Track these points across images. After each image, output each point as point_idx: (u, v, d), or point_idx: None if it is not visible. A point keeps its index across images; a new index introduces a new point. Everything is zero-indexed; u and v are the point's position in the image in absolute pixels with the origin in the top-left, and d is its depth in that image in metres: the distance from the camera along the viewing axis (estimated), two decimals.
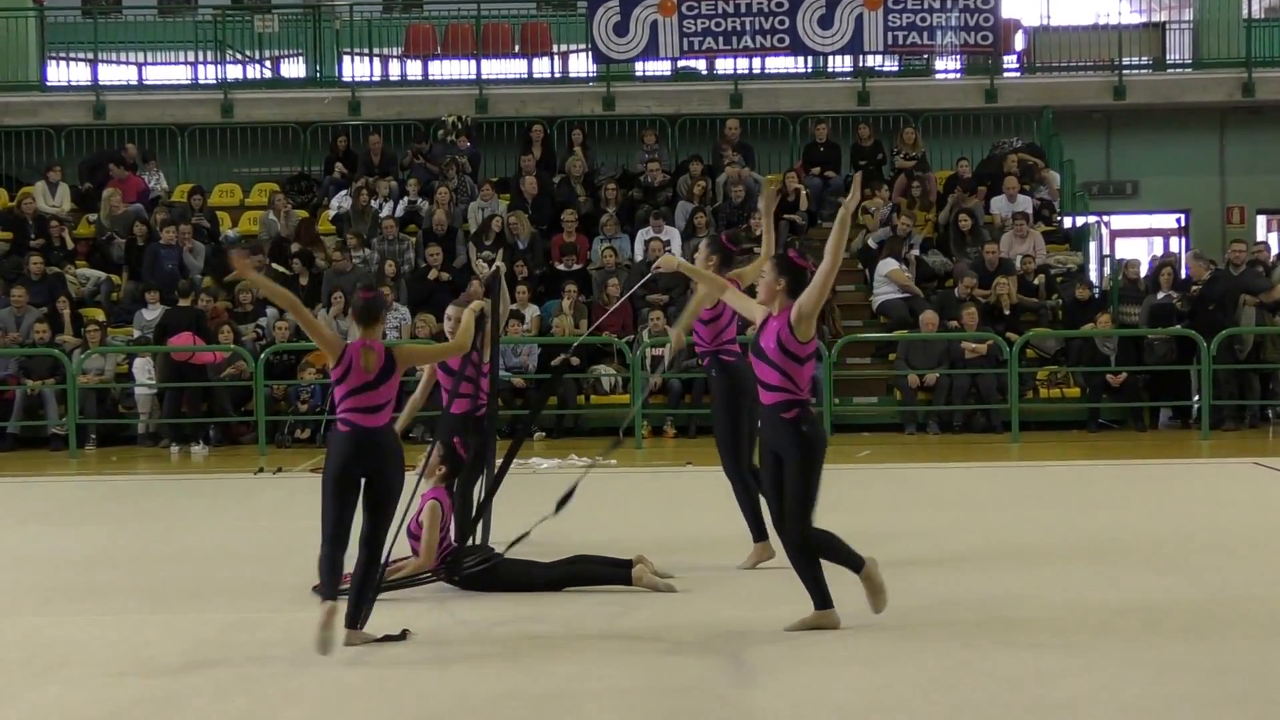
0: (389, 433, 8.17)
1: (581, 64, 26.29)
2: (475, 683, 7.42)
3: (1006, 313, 19.92)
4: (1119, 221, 25.93)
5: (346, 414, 8.08)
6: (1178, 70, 25.91)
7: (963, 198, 22.00)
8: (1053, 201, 22.81)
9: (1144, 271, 21.14)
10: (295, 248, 21.55)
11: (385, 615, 8.56)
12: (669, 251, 21.01)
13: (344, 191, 22.88)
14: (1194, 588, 9.38)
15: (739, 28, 23.13)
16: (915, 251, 21.30)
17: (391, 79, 26.83)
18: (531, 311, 19.99)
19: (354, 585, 8.18)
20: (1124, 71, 24.88)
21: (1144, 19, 27.55)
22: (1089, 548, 10.78)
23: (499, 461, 10.09)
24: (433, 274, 20.64)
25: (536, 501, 9.55)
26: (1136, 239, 27.01)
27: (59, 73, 27.45)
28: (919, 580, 9.69)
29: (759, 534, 10.17)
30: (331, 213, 22.88)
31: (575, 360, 18.41)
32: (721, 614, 8.74)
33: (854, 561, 8.45)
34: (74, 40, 27.32)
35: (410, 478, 8.72)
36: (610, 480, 14.59)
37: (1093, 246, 22.64)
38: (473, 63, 25.50)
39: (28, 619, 9.04)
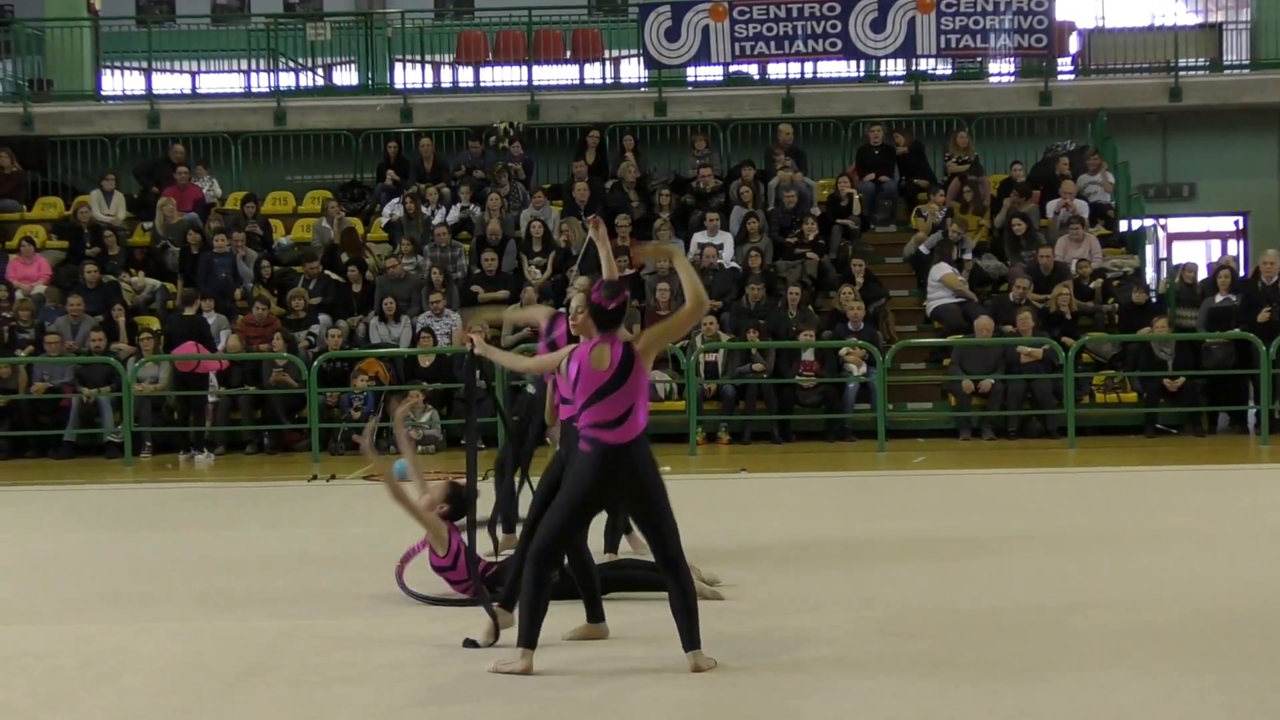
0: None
1: (633, 69, 26.26)
2: (528, 690, 7.40)
3: (1068, 317, 19.79)
4: (1176, 224, 25.72)
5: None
6: (1235, 71, 25.63)
7: (1018, 201, 21.85)
8: (1105, 201, 22.55)
9: (1201, 274, 20.99)
10: (345, 257, 21.62)
11: (441, 624, 8.55)
12: (721, 255, 20.99)
13: (396, 199, 22.92)
14: (1253, 595, 9.28)
15: (790, 32, 23.05)
16: (968, 256, 21.17)
17: (443, 86, 26.83)
18: None
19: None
20: (1180, 73, 24.63)
21: (1200, 20, 27.27)
22: (1146, 554, 10.69)
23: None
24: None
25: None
26: (1194, 242, 26.78)
27: (114, 82, 27.58)
28: (973, 587, 9.65)
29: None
30: (384, 220, 22.92)
31: None
32: (772, 621, 8.70)
33: None
34: (128, 50, 27.45)
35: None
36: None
37: (1149, 250, 22.46)
38: (524, 69, 25.51)
39: (83, 626, 9.07)
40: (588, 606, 8.40)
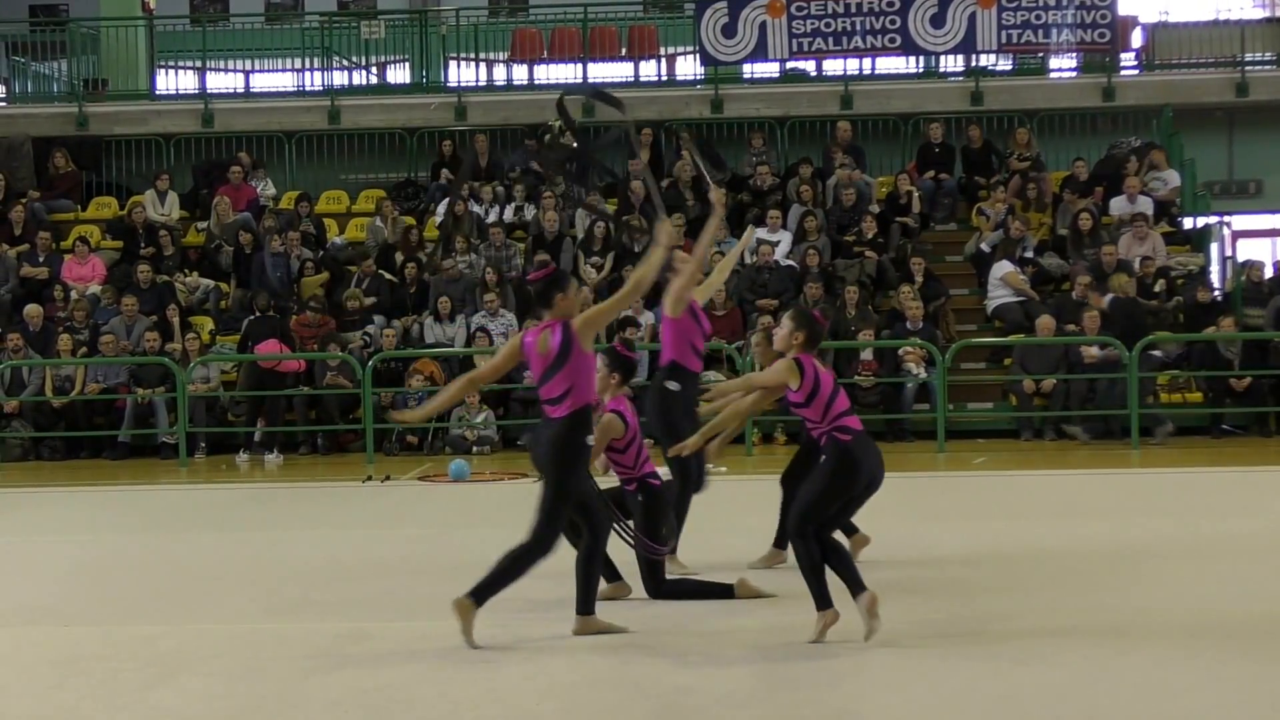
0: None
1: (689, 66, 26.13)
2: (587, 693, 7.39)
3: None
4: (1241, 222, 25.35)
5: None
6: None
7: (1072, 201, 21.63)
8: (1168, 198, 22.26)
9: (1269, 273, 20.77)
10: (400, 257, 21.57)
11: (502, 628, 8.50)
12: (775, 253, 20.79)
13: (449, 198, 22.87)
14: None
15: (849, 28, 22.88)
16: (1030, 254, 20.93)
17: (497, 83, 26.78)
18: (646, 318, 19.84)
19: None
20: (1247, 68, 24.41)
21: (1267, 13, 26.93)
22: (1212, 556, 10.60)
23: None
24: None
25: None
26: (1260, 240, 26.42)
27: (168, 81, 27.68)
28: (1038, 589, 9.57)
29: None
30: (437, 219, 22.86)
31: None
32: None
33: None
34: (183, 49, 27.63)
35: None
36: (720, 488, 14.40)
37: (1214, 248, 22.19)
38: (579, 66, 25.47)
39: (141, 628, 9.08)
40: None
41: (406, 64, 26.83)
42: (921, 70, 25.12)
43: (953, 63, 24.85)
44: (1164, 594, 9.34)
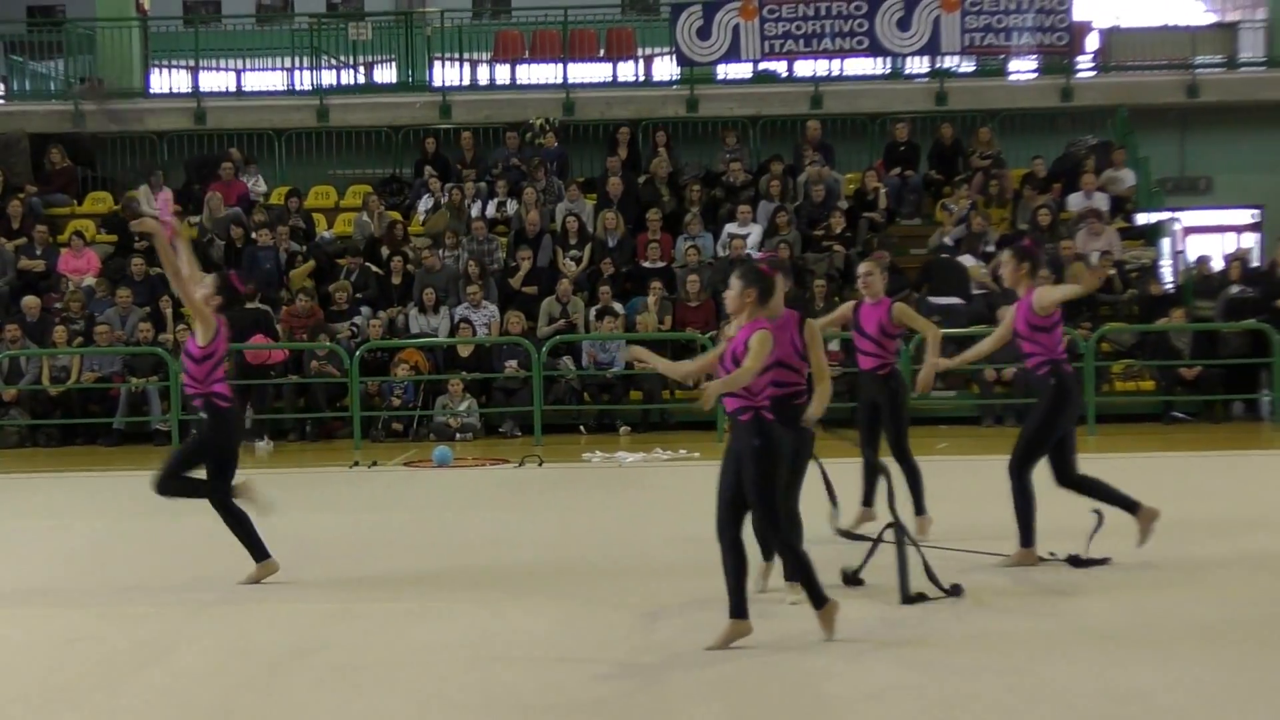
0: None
1: (665, 67, 26.49)
2: (568, 671, 7.54)
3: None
4: (1192, 217, 25.87)
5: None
6: (1251, 68, 25.94)
7: (1030, 198, 22.17)
8: (1120, 194, 22.81)
9: (1217, 266, 21.29)
10: (386, 251, 21.97)
11: (486, 606, 8.72)
12: (747, 246, 21.25)
13: (428, 194, 23.28)
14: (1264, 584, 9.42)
15: (818, 30, 23.40)
16: (991, 249, 21.47)
17: (481, 83, 27.08)
18: (619, 309, 20.39)
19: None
20: (1197, 71, 24.95)
21: (1216, 19, 27.50)
22: (1171, 543, 10.53)
23: None
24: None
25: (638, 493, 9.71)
26: (1210, 235, 26.94)
27: (161, 80, 27.94)
28: (999, 581, 9.63)
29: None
30: (420, 215, 23.29)
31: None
32: (800, 610, 8.46)
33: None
34: (176, 49, 27.88)
35: None
36: (695, 471, 14.68)
37: (1166, 243, 22.69)
38: (560, 67, 25.80)
39: (133, 609, 9.25)
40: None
41: (393, 64, 27.10)
42: (888, 71, 25.50)
43: (918, 64, 25.28)
44: (1118, 577, 9.56)
